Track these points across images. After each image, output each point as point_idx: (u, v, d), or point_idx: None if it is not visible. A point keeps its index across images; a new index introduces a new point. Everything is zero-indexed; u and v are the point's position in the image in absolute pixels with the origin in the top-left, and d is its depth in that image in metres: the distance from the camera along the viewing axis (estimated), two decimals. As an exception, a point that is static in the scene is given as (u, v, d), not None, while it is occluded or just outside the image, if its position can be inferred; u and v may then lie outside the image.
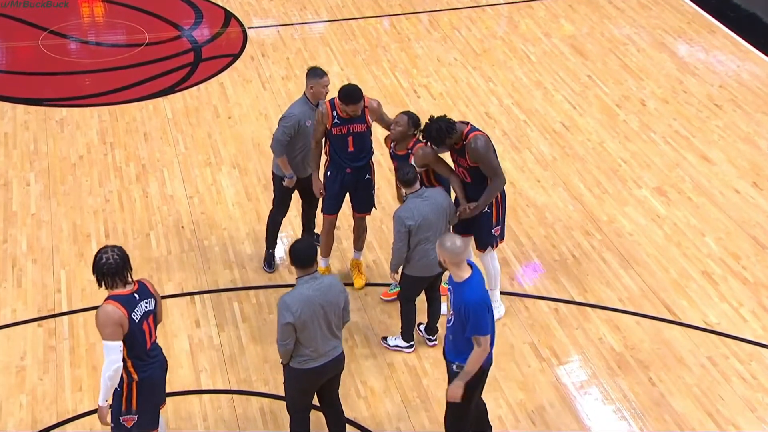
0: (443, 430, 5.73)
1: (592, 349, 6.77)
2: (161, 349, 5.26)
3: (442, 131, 6.17)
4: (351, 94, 6.56)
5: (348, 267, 7.40)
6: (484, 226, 6.55)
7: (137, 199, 8.11)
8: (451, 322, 5.26)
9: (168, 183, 8.34)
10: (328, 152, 6.87)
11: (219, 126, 9.21)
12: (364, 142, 6.88)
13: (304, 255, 5.19)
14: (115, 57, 10.36)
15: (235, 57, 10.47)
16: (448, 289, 5.34)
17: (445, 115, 6.30)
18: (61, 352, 6.55)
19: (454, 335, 5.29)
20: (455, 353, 5.34)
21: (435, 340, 6.70)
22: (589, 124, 9.46)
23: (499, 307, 6.90)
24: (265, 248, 7.39)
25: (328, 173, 6.92)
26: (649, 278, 7.44)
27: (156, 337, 5.15)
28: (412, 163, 6.43)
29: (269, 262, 7.38)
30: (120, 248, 4.91)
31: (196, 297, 7.08)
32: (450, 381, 5.41)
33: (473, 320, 5.06)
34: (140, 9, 11.28)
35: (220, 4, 11.54)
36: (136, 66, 10.17)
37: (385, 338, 6.75)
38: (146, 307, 4.96)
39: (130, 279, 4.91)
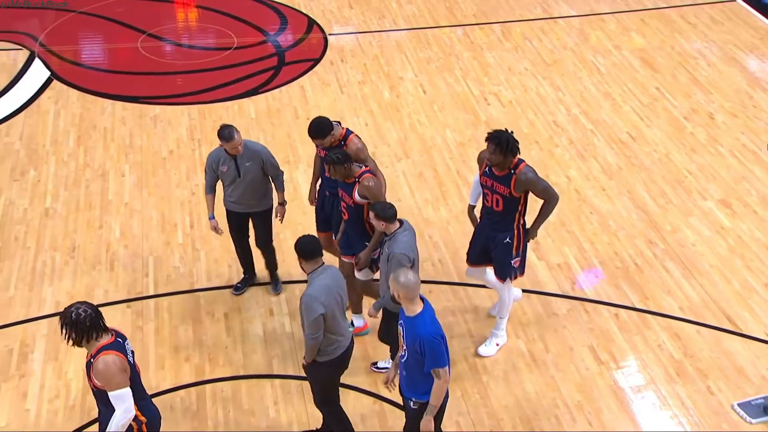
0: (498, 426, 5.65)
1: (651, 355, 6.59)
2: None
3: (513, 145, 5.85)
4: (312, 128, 6.22)
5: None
6: (504, 257, 6.20)
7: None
8: (405, 357, 4.95)
9: (249, 179, 8.44)
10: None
11: (298, 126, 9.29)
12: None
13: (310, 247, 5.18)
14: (206, 59, 10.55)
15: (316, 62, 10.55)
16: (399, 324, 5.00)
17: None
18: (147, 332, 6.70)
19: (408, 370, 4.99)
20: (411, 389, 5.04)
21: None
22: (656, 135, 9.21)
23: (502, 335, 6.57)
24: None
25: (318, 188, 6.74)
26: (711, 288, 7.20)
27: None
28: (358, 195, 5.96)
29: (236, 286, 7.06)
30: (86, 302, 4.61)
31: (271, 287, 7.14)
32: (407, 416, 5.19)
33: (430, 354, 4.77)
34: (230, 15, 11.47)
35: (304, 11, 11.64)
36: (224, 68, 10.33)
37: (375, 363, 6.41)
38: (130, 347, 4.76)
39: (105, 329, 4.62)
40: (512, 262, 6.22)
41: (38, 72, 9.90)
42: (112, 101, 9.54)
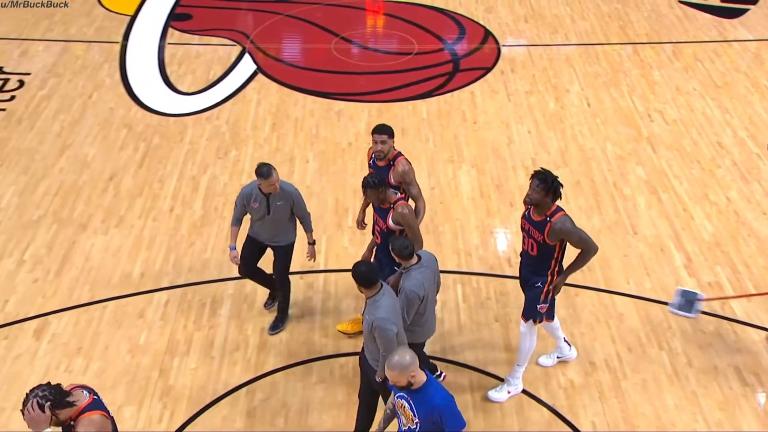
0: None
1: (799, 384, 5.99)
2: None
3: (556, 187, 5.29)
4: (380, 125, 5.97)
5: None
6: (532, 299, 5.66)
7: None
8: (417, 430, 4.41)
9: (416, 173, 8.46)
10: None
11: (465, 129, 9.21)
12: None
13: (369, 276, 4.81)
14: (388, 62, 10.68)
15: (487, 70, 10.41)
16: (399, 396, 4.44)
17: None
18: (315, 302, 6.87)
19: None
20: None
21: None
22: (826, 163, 8.34)
23: (516, 384, 5.95)
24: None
25: None
26: None
27: None
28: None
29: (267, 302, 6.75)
30: (39, 386, 4.09)
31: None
32: None
33: (451, 419, 4.32)
34: (414, 23, 11.55)
35: (482, 23, 11.52)
36: (403, 71, 10.43)
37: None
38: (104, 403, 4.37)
39: (68, 393, 4.17)
40: (539, 306, 5.65)
41: (247, 66, 10.41)
42: (304, 95, 9.83)
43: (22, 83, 9.71)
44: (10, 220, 7.63)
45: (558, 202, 5.42)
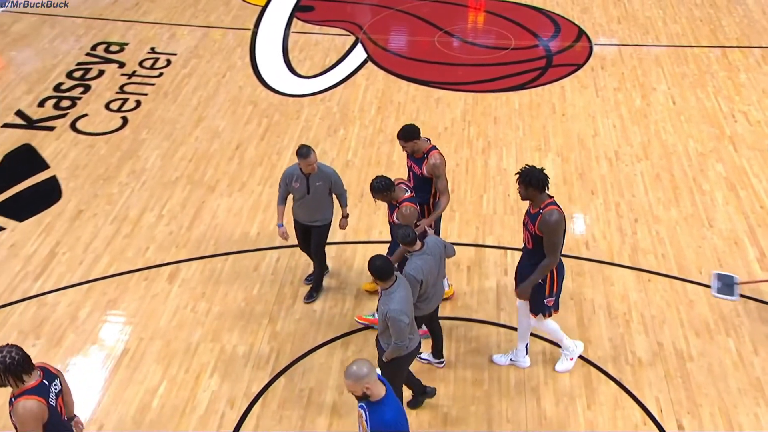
0: (696, 411, 5.10)
1: None
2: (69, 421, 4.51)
3: (536, 179, 5.04)
4: (401, 130, 5.82)
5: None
6: (536, 295, 5.41)
7: (479, 167, 8.24)
8: None
9: (504, 158, 8.34)
10: None
11: (553, 120, 8.96)
12: (415, 182, 5.98)
13: (384, 269, 4.70)
14: (485, 56, 10.49)
15: (578, 66, 10.06)
16: (360, 405, 4.04)
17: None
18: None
19: None
20: None
21: (443, 360, 5.86)
22: None
23: (573, 350, 5.72)
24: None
25: None
26: None
27: (66, 418, 4.38)
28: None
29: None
30: (14, 346, 4.09)
31: (508, 252, 7.03)
32: None
33: None
34: (512, 20, 11.29)
35: (577, 22, 11.12)
36: (499, 65, 10.23)
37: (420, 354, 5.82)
38: (55, 389, 4.24)
39: (33, 368, 4.13)
40: (545, 301, 5.41)
41: (358, 54, 10.47)
42: (407, 83, 9.80)
43: (169, 62, 10.14)
44: (153, 179, 8.04)
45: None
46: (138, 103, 9.21)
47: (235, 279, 6.75)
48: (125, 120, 8.91)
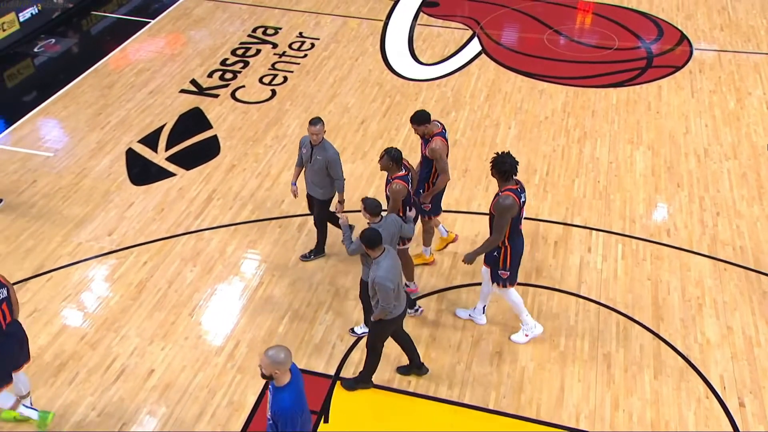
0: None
1: None
2: (20, 326, 4.53)
3: (500, 165, 4.89)
4: (414, 114, 5.63)
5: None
6: (494, 266, 5.30)
7: (574, 155, 7.95)
8: (269, 421, 3.90)
9: (598, 148, 8.00)
10: None
11: (647, 117, 8.46)
12: (422, 159, 5.83)
13: (373, 239, 4.61)
14: (589, 54, 10.00)
15: (677, 69, 9.38)
16: (270, 387, 3.85)
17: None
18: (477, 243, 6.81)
19: None
20: None
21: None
22: None
23: (534, 327, 5.59)
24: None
25: None
26: None
27: (11, 319, 4.39)
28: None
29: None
30: None
31: (593, 232, 6.81)
32: None
33: (286, 426, 3.77)
34: (618, 23, 10.65)
35: (680, 28, 10.33)
36: (601, 63, 9.73)
37: (352, 328, 5.74)
38: (1, 296, 4.24)
39: None
40: (499, 272, 5.28)
41: (474, 47, 10.27)
42: (515, 74, 9.56)
43: (313, 45, 10.39)
44: (292, 143, 8.33)
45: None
46: (285, 79, 9.55)
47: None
48: (274, 92, 9.27)
